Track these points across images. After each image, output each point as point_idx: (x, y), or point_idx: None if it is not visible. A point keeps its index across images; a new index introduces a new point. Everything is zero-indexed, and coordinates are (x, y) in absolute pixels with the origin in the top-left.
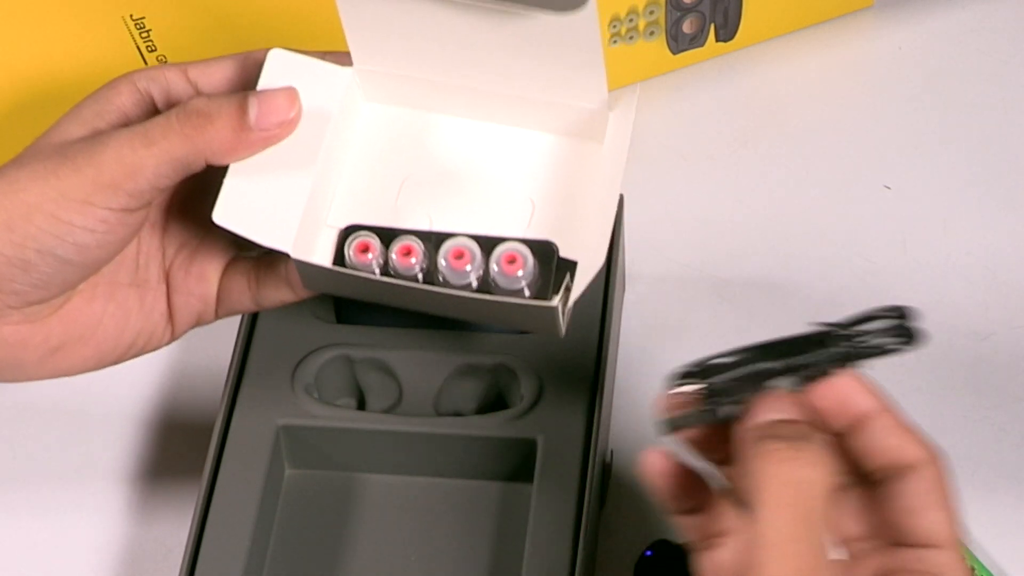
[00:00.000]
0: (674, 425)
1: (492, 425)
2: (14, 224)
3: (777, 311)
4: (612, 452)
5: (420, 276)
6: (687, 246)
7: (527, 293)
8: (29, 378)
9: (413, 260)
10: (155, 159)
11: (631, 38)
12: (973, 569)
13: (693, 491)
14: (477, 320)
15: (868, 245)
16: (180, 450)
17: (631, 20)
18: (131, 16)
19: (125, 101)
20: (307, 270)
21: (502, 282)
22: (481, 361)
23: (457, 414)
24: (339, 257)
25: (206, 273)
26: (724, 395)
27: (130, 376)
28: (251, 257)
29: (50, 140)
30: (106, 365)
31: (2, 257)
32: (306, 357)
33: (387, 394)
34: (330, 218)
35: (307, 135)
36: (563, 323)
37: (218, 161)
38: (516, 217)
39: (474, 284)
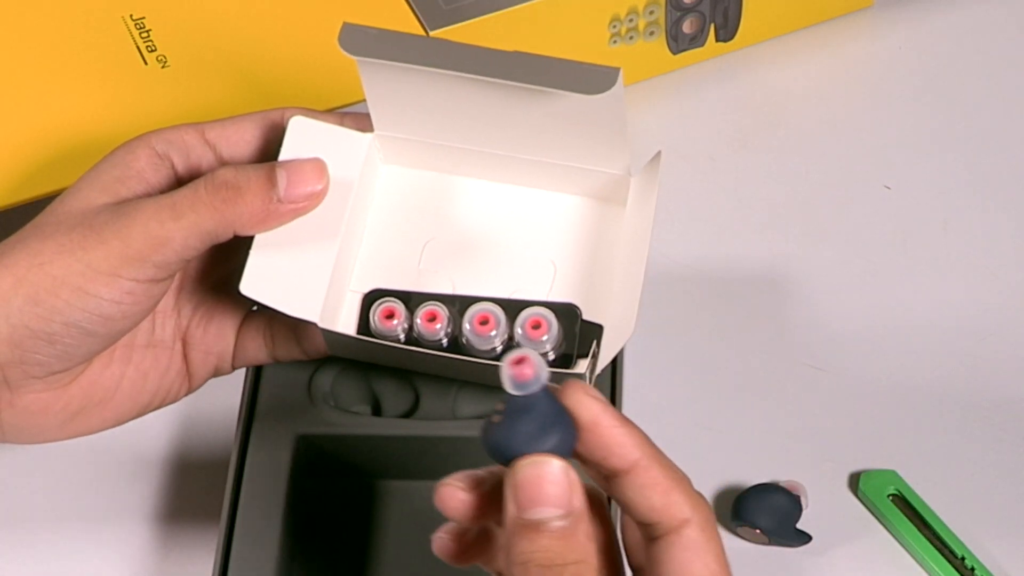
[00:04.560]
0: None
1: None
2: (40, 298)
3: (777, 311)
4: None
5: (445, 341)
6: (687, 246)
7: (551, 356)
8: (48, 441)
9: (438, 326)
10: (184, 232)
11: (631, 38)
12: (973, 569)
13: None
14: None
15: (868, 245)
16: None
17: (631, 20)
18: (131, 16)
19: (144, 165)
20: (333, 338)
21: (527, 346)
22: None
23: (478, 418)
24: (363, 321)
25: (223, 331)
26: None
27: None
28: (265, 313)
29: (71, 207)
30: (125, 422)
31: (27, 330)
32: (322, 366)
33: (403, 400)
34: (352, 283)
35: (330, 203)
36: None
37: (246, 232)
38: (539, 280)
39: (499, 349)
